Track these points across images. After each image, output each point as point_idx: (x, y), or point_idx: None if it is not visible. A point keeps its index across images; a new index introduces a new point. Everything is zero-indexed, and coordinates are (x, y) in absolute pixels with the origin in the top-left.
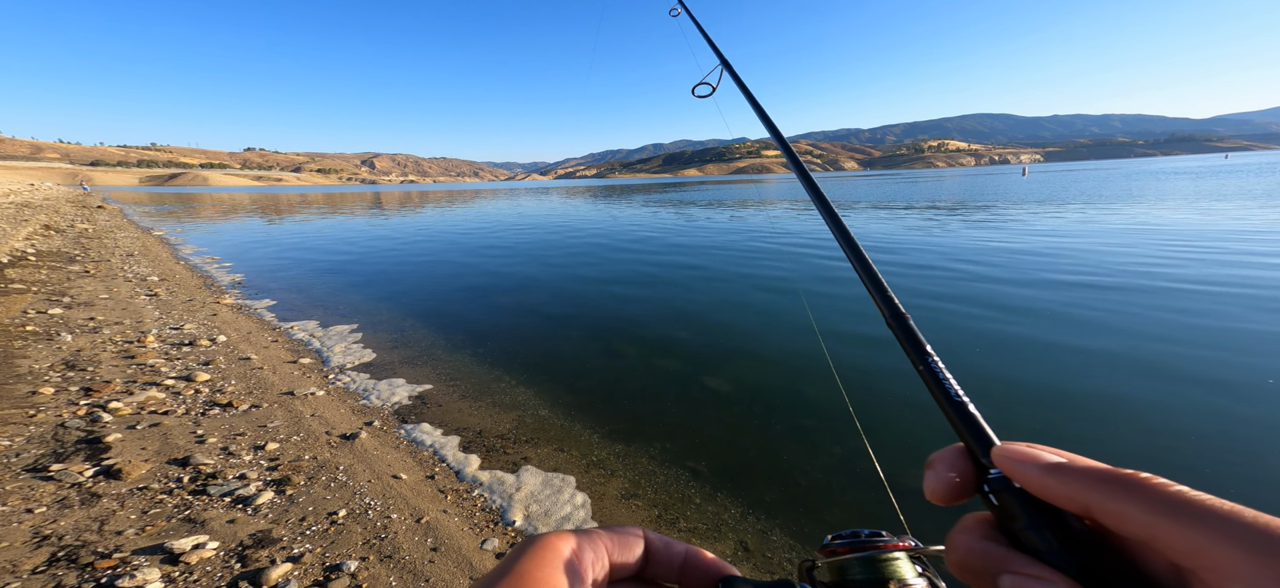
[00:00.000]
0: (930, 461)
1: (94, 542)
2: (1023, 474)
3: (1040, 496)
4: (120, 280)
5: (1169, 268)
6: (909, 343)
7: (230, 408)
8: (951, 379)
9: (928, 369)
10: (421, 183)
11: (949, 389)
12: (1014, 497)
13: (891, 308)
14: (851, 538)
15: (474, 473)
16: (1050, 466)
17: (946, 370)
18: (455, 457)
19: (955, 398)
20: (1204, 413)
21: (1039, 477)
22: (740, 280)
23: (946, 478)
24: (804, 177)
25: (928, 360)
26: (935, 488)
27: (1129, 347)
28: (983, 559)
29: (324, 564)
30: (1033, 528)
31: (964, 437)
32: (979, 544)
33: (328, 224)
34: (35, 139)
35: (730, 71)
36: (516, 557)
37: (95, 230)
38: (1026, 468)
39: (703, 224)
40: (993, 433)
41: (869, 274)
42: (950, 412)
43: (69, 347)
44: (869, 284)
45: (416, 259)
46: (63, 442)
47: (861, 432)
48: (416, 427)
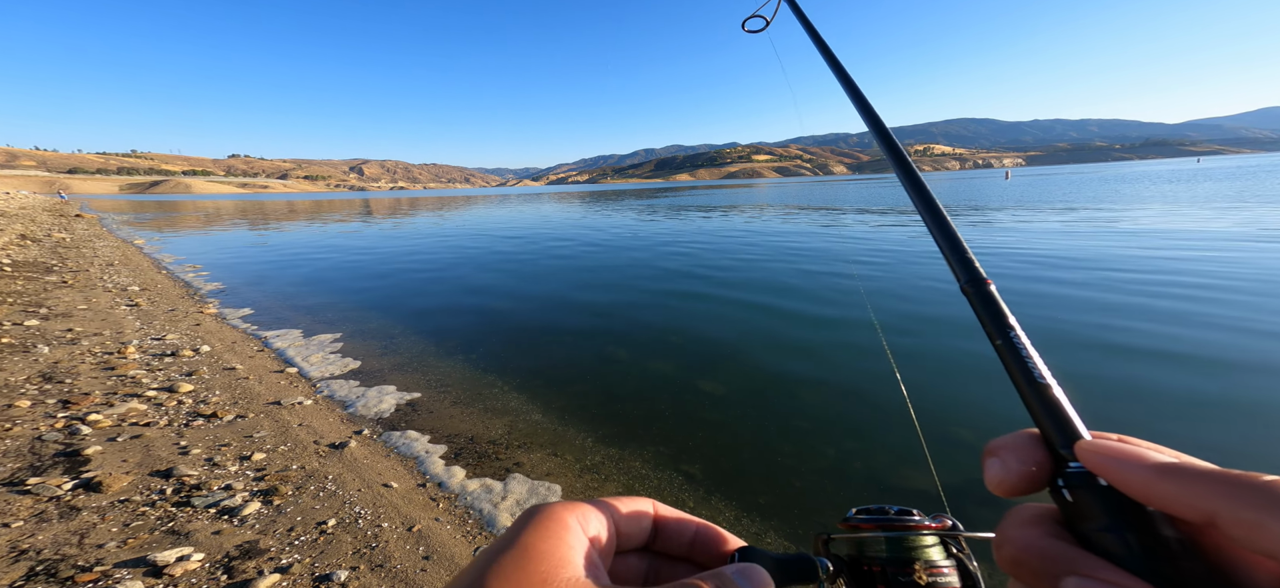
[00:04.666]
0: (993, 447)
1: (74, 555)
2: (1125, 475)
3: (1146, 500)
4: (99, 290)
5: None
6: (988, 313)
7: (215, 419)
8: (1036, 357)
9: (1007, 344)
10: (411, 189)
11: (1033, 369)
12: (1094, 495)
13: (969, 271)
14: (878, 514)
15: (460, 482)
16: (1164, 467)
17: (1032, 347)
18: (446, 465)
19: (1039, 379)
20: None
21: (1148, 478)
22: (737, 281)
23: (1019, 469)
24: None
25: (1009, 334)
26: (1004, 479)
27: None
28: (1044, 559)
29: (313, 574)
30: (1113, 530)
31: (1043, 425)
32: (1042, 542)
33: (315, 232)
34: (10, 146)
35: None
36: (520, 527)
37: (73, 240)
38: (1134, 469)
39: (694, 227)
40: (1082, 424)
41: (946, 234)
42: (1030, 396)
43: (46, 359)
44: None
45: (407, 266)
46: (40, 455)
47: (907, 401)
48: (407, 434)
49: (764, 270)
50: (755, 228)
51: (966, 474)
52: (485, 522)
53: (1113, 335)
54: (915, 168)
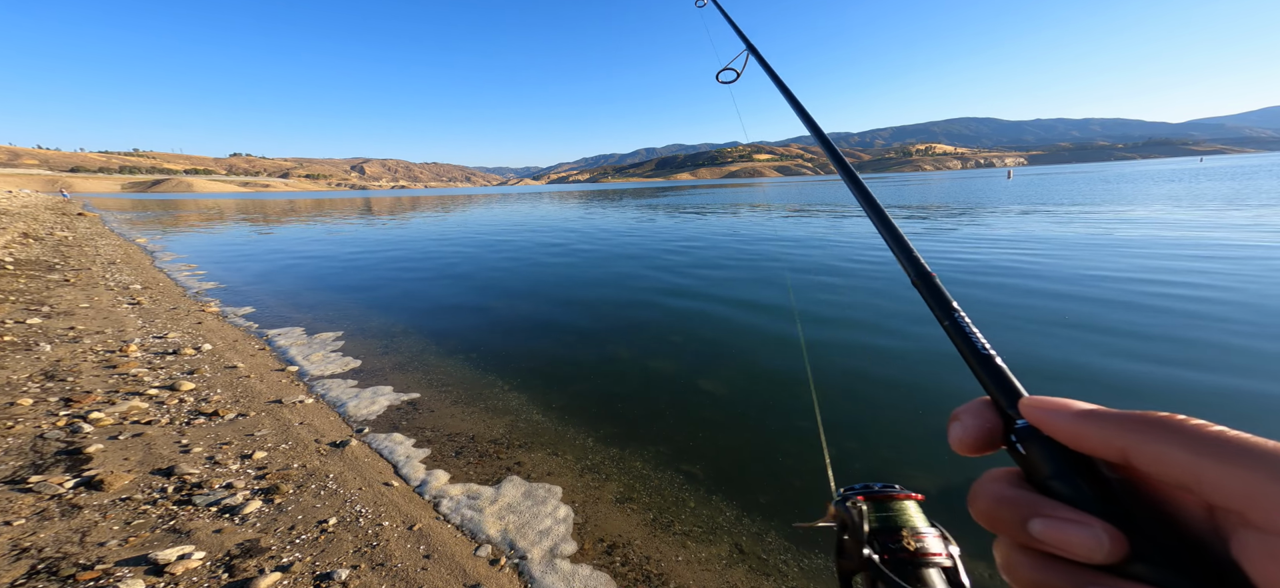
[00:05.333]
0: (955, 413)
1: (75, 554)
2: (1054, 423)
3: (1073, 444)
4: (101, 289)
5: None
6: (935, 300)
7: (216, 417)
8: (978, 333)
9: (954, 324)
10: (412, 188)
11: (975, 343)
12: (1042, 447)
13: (917, 268)
14: (864, 490)
15: (444, 486)
16: (1084, 412)
17: (972, 325)
18: (445, 466)
19: (982, 351)
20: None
21: (1072, 424)
22: (736, 282)
23: (972, 427)
24: (829, 149)
25: (954, 316)
26: (963, 438)
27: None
28: (1011, 507)
29: (314, 573)
30: (1061, 476)
31: (990, 389)
32: (1008, 492)
33: (317, 230)
34: (12, 145)
35: (757, 55)
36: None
37: (75, 238)
38: (1058, 416)
39: (695, 227)
40: (1020, 385)
41: (894, 237)
42: (976, 365)
43: (48, 357)
44: (895, 246)
45: (407, 266)
46: (42, 453)
47: (815, 409)
48: (408, 434)
49: (764, 271)
50: (756, 228)
51: (966, 473)
52: (470, 530)
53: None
54: (871, 191)
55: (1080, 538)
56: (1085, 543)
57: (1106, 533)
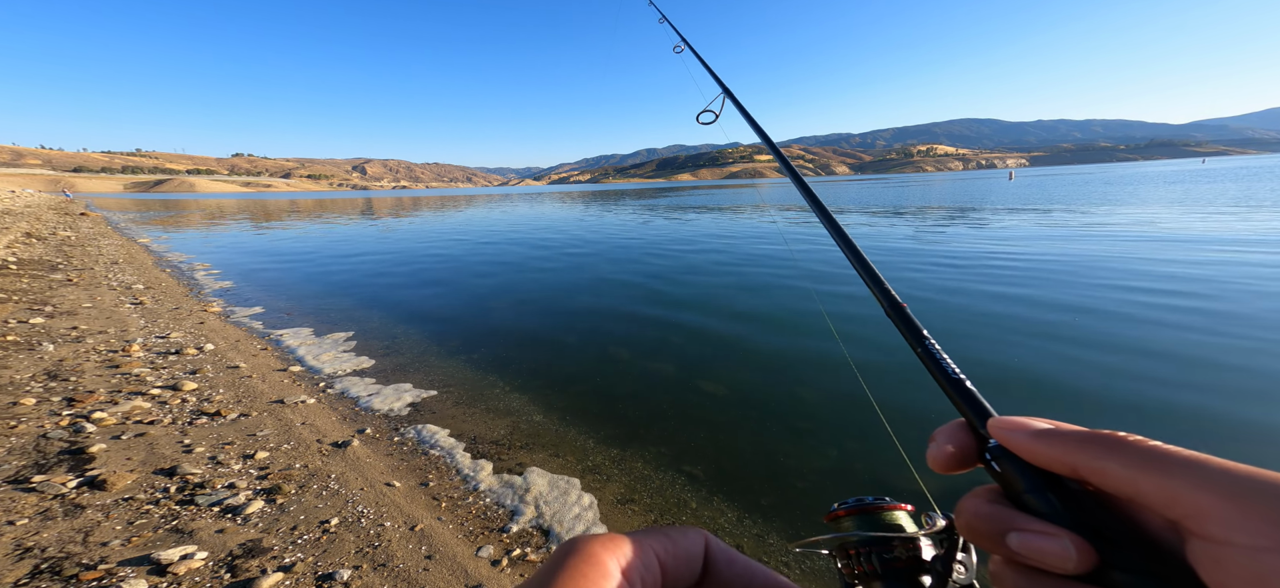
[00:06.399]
0: (934, 434)
1: (78, 553)
2: (1014, 441)
3: (1032, 461)
4: (104, 289)
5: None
6: (907, 329)
7: (218, 417)
8: (948, 359)
9: (925, 351)
10: (414, 188)
11: (946, 368)
12: (1013, 464)
13: (889, 299)
14: (856, 504)
15: (481, 479)
16: (1038, 431)
17: (943, 351)
18: (455, 463)
19: (953, 375)
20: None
21: (1029, 442)
22: (735, 283)
23: (946, 449)
24: (801, 186)
25: (925, 343)
26: (937, 458)
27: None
28: (990, 521)
29: (316, 573)
30: (1034, 491)
31: (963, 411)
32: (986, 508)
33: (318, 231)
34: (16, 145)
35: (733, 100)
36: (554, 569)
37: (78, 238)
38: (1017, 435)
39: (695, 228)
40: (990, 406)
41: (866, 270)
42: (948, 388)
43: (51, 357)
44: (867, 278)
45: (407, 266)
46: (45, 453)
47: (875, 405)
48: (409, 434)
49: (765, 270)
50: (757, 228)
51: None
52: (508, 517)
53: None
54: (846, 230)
55: (1051, 549)
56: (1055, 554)
57: (1074, 544)
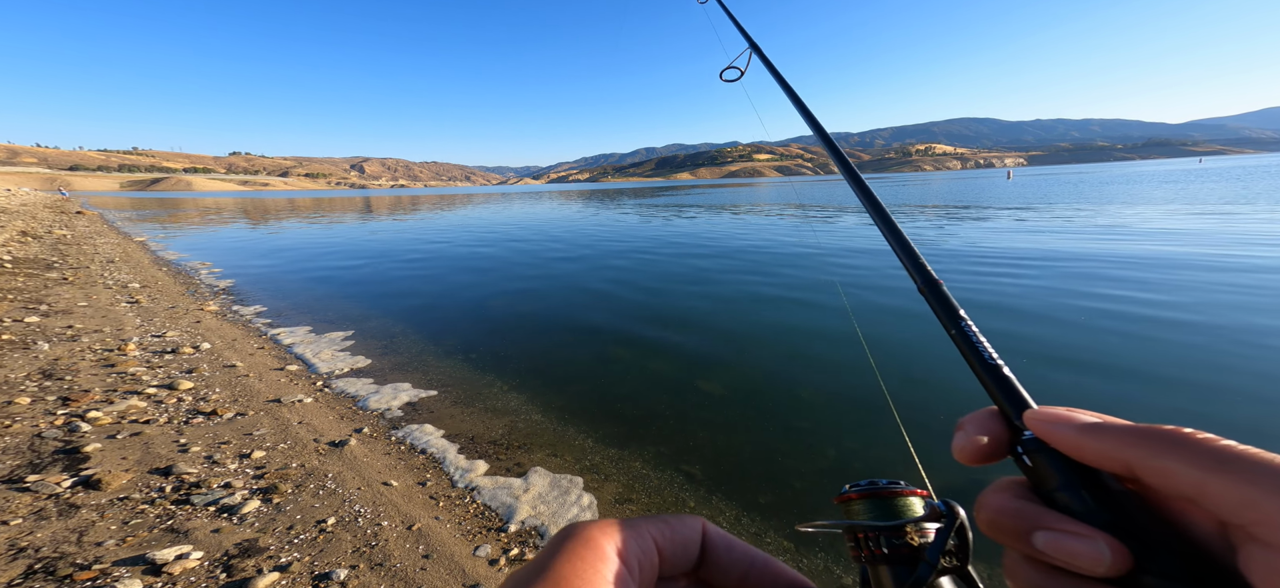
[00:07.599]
0: (961, 423)
1: (73, 553)
2: (1059, 435)
3: (1077, 456)
4: (100, 287)
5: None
6: (942, 308)
7: (214, 416)
8: (985, 343)
9: (960, 333)
10: (412, 187)
11: (983, 352)
12: (1048, 458)
13: (924, 275)
14: (869, 487)
15: (478, 478)
16: (1088, 425)
17: (980, 334)
18: (453, 463)
19: (990, 361)
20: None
21: (1076, 437)
22: (734, 283)
23: (976, 439)
24: (833, 150)
25: (960, 324)
26: (965, 448)
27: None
28: (1016, 518)
29: (313, 573)
30: (1068, 488)
31: (997, 399)
32: (1012, 503)
33: (315, 229)
34: (11, 143)
35: (759, 54)
36: (552, 554)
37: (74, 236)
38: (1063, 429)
39: (694, 227)
40: (1028, 396)
41: (901, 243)
42: (984, 375)
43: (46, 356)
44: (901, 253)
45: (406, 266)
46: (39, 452)
47: (886, 394)
48: (407, 433)
49: (765, 270)
50: (757, 228)
51: (966, 471)
52: (502, 518)
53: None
54: (877, 195)
55: (1082, 551)
56: (1088, 556)
57: (1109, 547)
